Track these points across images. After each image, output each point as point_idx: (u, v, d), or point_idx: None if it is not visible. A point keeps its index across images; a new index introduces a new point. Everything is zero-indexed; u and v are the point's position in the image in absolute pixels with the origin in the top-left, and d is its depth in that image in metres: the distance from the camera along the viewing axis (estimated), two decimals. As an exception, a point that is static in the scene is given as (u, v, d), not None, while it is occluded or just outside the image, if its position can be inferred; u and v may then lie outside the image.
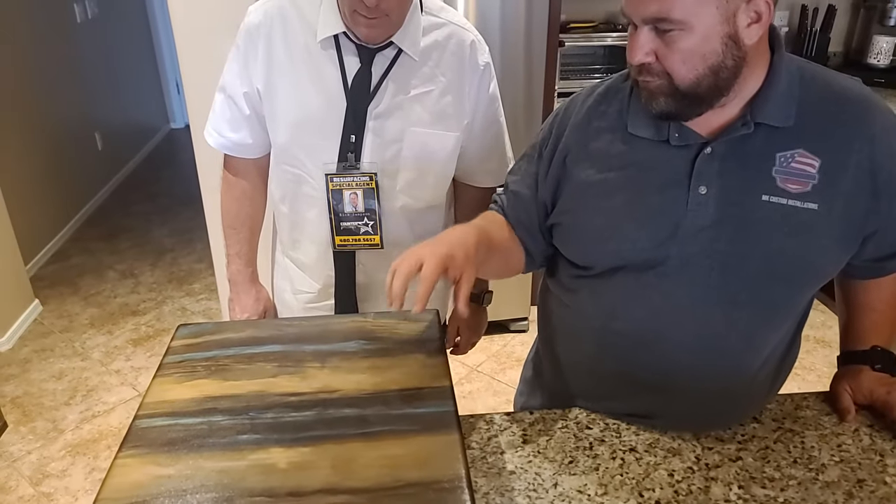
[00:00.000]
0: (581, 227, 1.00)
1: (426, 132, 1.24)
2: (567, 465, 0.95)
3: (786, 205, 0.88)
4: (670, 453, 0.97)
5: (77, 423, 2.49)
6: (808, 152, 0.88)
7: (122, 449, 0.79)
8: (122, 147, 4.89)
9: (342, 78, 1.19)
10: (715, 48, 0.82)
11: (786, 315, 0.97)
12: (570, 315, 1.07)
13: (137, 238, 3.89)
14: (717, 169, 0.90)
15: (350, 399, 0.86)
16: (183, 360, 0.94)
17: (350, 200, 1.25)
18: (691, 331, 0.95)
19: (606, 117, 0.98)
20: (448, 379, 0.89)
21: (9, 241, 2.97)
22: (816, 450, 0.97)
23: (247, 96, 1.25)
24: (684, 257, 0.92)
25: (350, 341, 0.97)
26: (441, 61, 1.23)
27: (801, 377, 2.62)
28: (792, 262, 0.90)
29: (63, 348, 2.91)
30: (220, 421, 0.83)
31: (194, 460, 0.77)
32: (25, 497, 2.17)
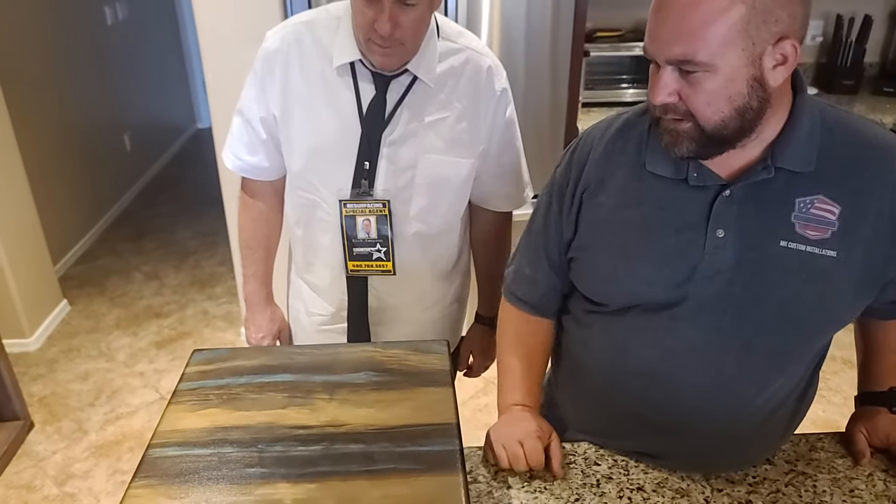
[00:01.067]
0: (596, 265, 1.00)
1: (440, 159, 1.24)
2: (573, 502, 0.95)
3: (804, 251, 0.87)
4: (678, 494, 0.96)
5: (101, 424, 2.54)
6: (828, 198, 0.87)
7: (136, 478, 0.81)
8: (150, 147, 4.96)
9: (357, 104, 1.20)
10: (740, 90, 0.81)
11: (800, 360, 0.96)
12: (582, 350, 1.07)
13: (162, 240, 3.95)
14: (736, 213, 0.89)
15: (357, 434, 0.86)
16: (196, 388, 0.96)
17: (363, 227, 1.25)
18: (703, 373, 0.94)
19: (624, 153, 0.97)
20: (454, 415, 0.90)
21: (38, 241, 3.04)
22: (828, 494, 0.96)
23: (263, 121, 1.26)
24: (699, 300, 0.91)
25: (359, 372, 0.98)
26: (457, 88, 1.23)
27: (826, 399, 2.57)
28: (808, 308, 0.89)
29: (89, 349, 2.97)
30: (230, 453, 0.84)
31: (203, 493, 0.78)
32: (50, 497, 2.22)
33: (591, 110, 2.80)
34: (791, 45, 0.79)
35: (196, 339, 3.02)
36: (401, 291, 1.35)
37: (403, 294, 1.35)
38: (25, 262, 2.90)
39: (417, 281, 1.35)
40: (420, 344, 1.04)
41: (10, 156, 2.82)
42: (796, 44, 0.79)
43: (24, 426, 2.46)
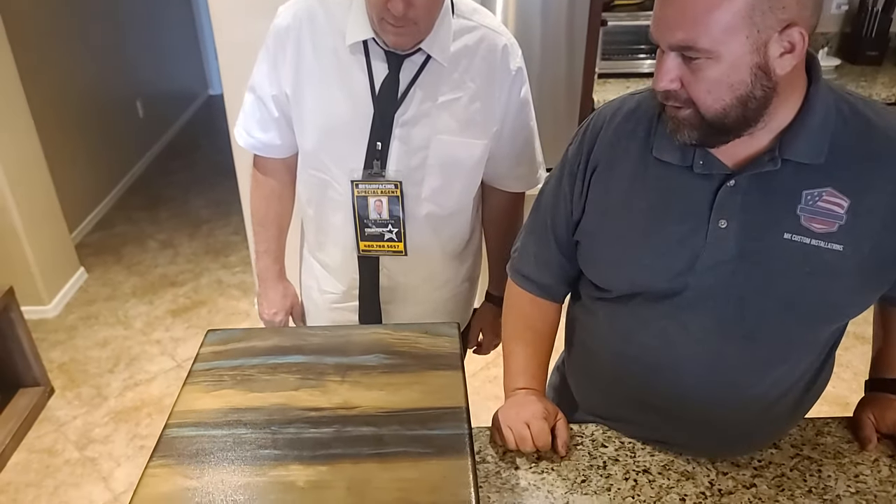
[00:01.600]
0: (600, 250, 1.00)
1: (453, 140, 1.23)
2: (580, 483, 0.97)
3: (808, 244, 0.86)
4: (684, 477, 0.98)
5: (120, 390, 2.60)
6: (837, 192, 0.85)
7: (153, 458, 0.84)
8: (163, 114, 4.97)
9: (370, 84, 1.19)
10: (743, 78, 0.79)
11: (806, 351, 0.96)
12: (589, 336, 1.08)
13: (176, 208, 3.98)
14: (740, 203, 0.88)
15: (368, 417, 0.88)
16: (211, 369, 0.98)
17: (375, 207, 1.25)
18: (705, 362, 0.95)
19: (634, 137, 0.96)
20: (464, 399, 0.91)
21: (54, 208, 3.07)
22: (833, 479, 0.97)
23: (275, 99, 1.25)
24: (701, 290, 0.91)
25: (370, 354, 0.99)
26: (471, 67, 1.21)
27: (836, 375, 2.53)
28: (811, 302, 0.88)
29: (107, 316, 3.03)
30: (244, 434, 0.86)
31: (219, 474, 0.81)
32: (71, 461, 2.29)
33: (607, 81, 2.76)
34: (799, 32, 0.76)
35: (211, 308, 3.06)
36: (412, 271, 1.35)
37: (415, 274, 1.36)
38: (42, 229, 2.93)
39: (429, 261, 1.35)
40: (431, 326, 1.05)
41: (24, 123, 2.84)
42: (804, 31, 0.76)
43: (44, 392, 2.52)
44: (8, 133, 2.70)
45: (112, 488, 2.18)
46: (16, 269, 2.84)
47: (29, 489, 2.17)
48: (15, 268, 2.84)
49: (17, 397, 2.47)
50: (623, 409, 1.06)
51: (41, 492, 2.17)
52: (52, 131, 3.23)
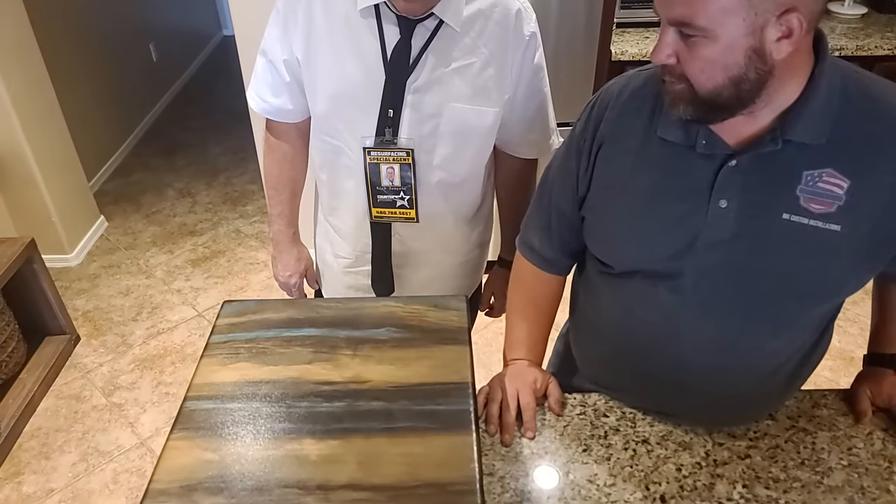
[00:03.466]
0: (603, 227, 1.02)
1: (465, 107, 1.22)
2: (581, 453, 1.01)
3: (807, 224, 0.87)
4: (681, 447, 1.02)
5: (144, 338, 2.69)
6: (838, 172, 0.85)
7: (174, 430, 0.88)
8: (177, 57, 4.93)
9: (381, 50, 1.18)
10: (737, 60, 0.79)
11: (803, 326, 0.98)
12: (593, 310, 1.11)
13: (194, 156, 4.00)
14: (741, 183, 0.88)
15: (378, 392, 0.92)
16: (227, 341, 1.02)
17: (387, 175, 1.26)
18: (704, 338, 0.97)
19: (639, 115, 0.96)
20: (470, 374, 0.94)
21: (71, 157, 3.09)
22: (826, 452, 1.01)
23: (286, 63, 1.25)
24: (700, 268, 0.93)
25: (381, 328, 1.03)
26: (484, 32, 1.19)
27: (842, 329, 2.60)
28: (808, 281, 0.90)
29: (129, 265, 3.10)
30: (260, 408, 0.91)
31: (236, 447, 0.85)
32: (99, 406, 2.39)
33: (626, 31, 2.70)
34: (797, 18, 0.75)
35: (230, 258, 3.12)
36: (424, 237, 1.37)
37: (426, 239, 1.38)
38: (60, 178, 2.97)
39: (440, 227, 1.37)
40: (440, 300, 1.08)
41: (37, 71, 2.84)
42: (803, 18, 0.75)
43: (70, 340, 2.62)
44: (22, 82, 2.71)
45: (139, 433, 2.28)
46: (37, 218, 2.90)
47: (58, 434, 2.29)
48: (36, 217, 2.90)
49: (44, 345, 2.57)
50: (623, 379, 1.09)
51: (70, 437, 2.28)
52: (65, 79, 3.23)
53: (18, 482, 2.12)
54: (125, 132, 4.05)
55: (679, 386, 1.02)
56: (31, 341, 2.54)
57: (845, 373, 2.42)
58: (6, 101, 2.62)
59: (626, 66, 2.55)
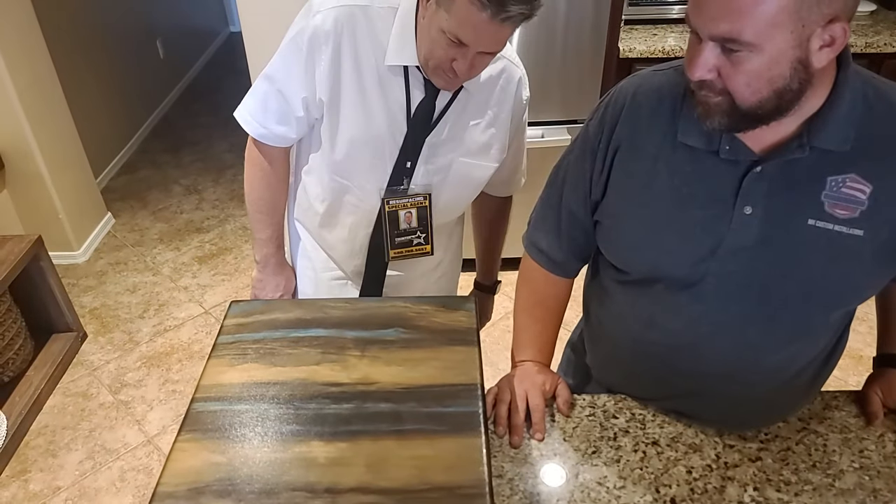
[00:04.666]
0: (621, 232, 1.01)
1: (471, 163, 1.31)
2: (590, 455, 1.00)
3: (831, 230, 0.86)
4: (691, 449, 1.01)
5: (150, 336, 2.69)
6: (861, 177, 0.85)
7: (182, 432, 0.88)
8: (184, 54, 4.93)
9: (406, 106, 1.22)
10: (783, 72, 0.77)
11: (824, 330, 0.98)
12: (608, 317, 1.10)
13: (200, 152, 4.00)
14: (766, 189, 0.88)
15: (386, 393, 0.92)
16: (235, 342, 1.01)
17: (405, 219, 1.33)
18: (726, 344, 0.97)
19: (658, 117, 0.94)
20: (479, 375, 0.94)
21: (78, 153, 3.10)
22: (837, 454, 1.00)
23: (305, 101, 1.23)
24: (723, 275, 0.92)
25: (389, 329, 1.02)
26: (491, 95, 1.27)
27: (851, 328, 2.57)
28: (831, 287, 0.90)
29: (135, 262, 3.10)
30: (268, 409, 0.90)
31: (244, 449, 0.85)
32: (106, 404, 2.40)
33: (634, 28, 2.68)
34: (841, 27, 0.74)
35: (236, 255, 3.12)
36: (414, 266, 1.46)
37: (416, 267, 1.47)
38: (67, 175, 2.98)
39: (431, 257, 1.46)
40: (448, 300, 1.07)
41: (44, 67, 2.84)
42: (846, 26, 0.75)
43: (77, 337, 2.62)
44: (29, 78, 2.71)
45: (146, 431, 2.29)
46: (44, 215, 2.91)
47: (65, 431, 2.29)
48: (43, 214, 2.90)
49: (51, 342, 2.58)
50: (643, 387, 1.09)
51: (77, 434, 2.28)
52: (72, 75, 3.24)
53: (25, 480, 2.12)
54: (132, 129, 4.05)
55: (700, 392, 1.02)
56: (38, 339, 2.54)
57: (854, 371, 2.41)
58: (13, 97, 2.62)
59: (635, 63, 2.53)
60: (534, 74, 1.41)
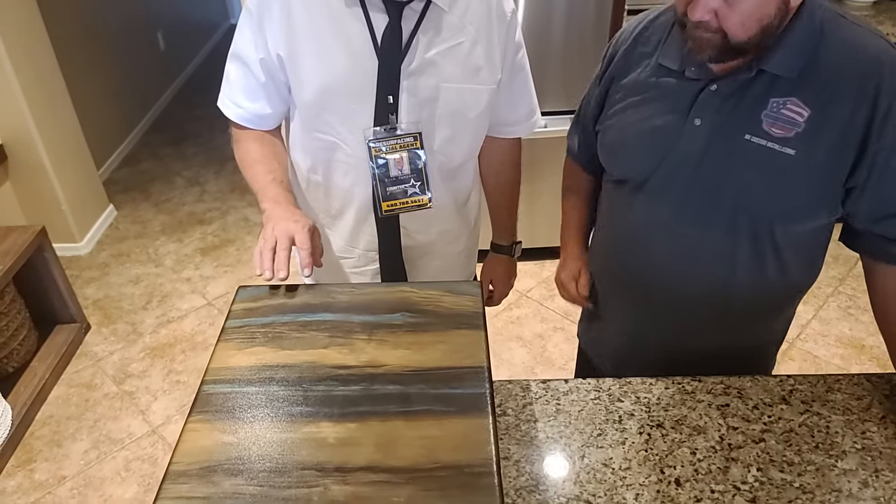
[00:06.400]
0: (606, 139, 1.17)
1: (460, 87, 1.21)
2: (596, 437, 1.02)
3: (764, 146, 0.97)
4: (695, 431, 1.02)
5: (154, 327, 2.70)
6: (801, 102, 0.95)
7: (192, 413, 0.89)
8: (185, 46, 4.93)
9: (371, 36, 1.15)
10: (770, 11, 0.90)
11: (761, 246, 1.06)
12: (600, 215, 1.31)
13: (202, 144, 4.00)
14: (717, 105, 1.00)
15: (394, 375, 0.93)
16: (243, 326, 1.02)
17: (395, 164, 1.23)
18: (669, 244, 1.12)
19: (648, 44, 1.09)
20: (486, 358, 0.95)
21: (80, 145, 3.10)
22: (840, 436, 1.01)
23: (263, 63, 1.19)
24: (670, 178, 1.06)
25: (396, 313, 1.03)
26: (468, 10, 1.18)
27: (854, 317, 2.59)
28: (757, 198, 1.01)
29: (138, 254, 3.11)
30: (277, 391, 0.91)
31: (254, 430, 0.86)
32: (110, 394, 2.41)
33: (626, 25, 2.68)
34: None
35: (238, 247, 3.13)
36: (430, 227, 1.36)
37: (431, 231, 1.37)
38: (70, 166, 2.99)
39: (443, 216, 1.36)
40: (454, 285, 1.08)
41: (47, 59, 2.85)
42: None
43: (80, 328, 2.64)
44: (32, 71, 2.72)
45: (150, 421, 2.30)
46: (47, 206, 2.91)
47: (70, 422, 2.31)
48: (46, 206, 2.91)
49: (55, 334, 2.59)
50: (608, 294, 1.31)
51: (82, 424, 2.30)
52: (75, 68, 3.24)
53: (30, 469, 2.14)
54: (134, 121, 4.06)
55: (648, 293, 1.18)
56: (41, 330, 2.56)
57: (856, 360, 2.42)
58: (16, 90, 2.63)
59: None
60: (536, 64, 1.40)
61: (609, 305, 1.33)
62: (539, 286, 2.85)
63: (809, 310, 2.65)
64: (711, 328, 1.19)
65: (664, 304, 1.18)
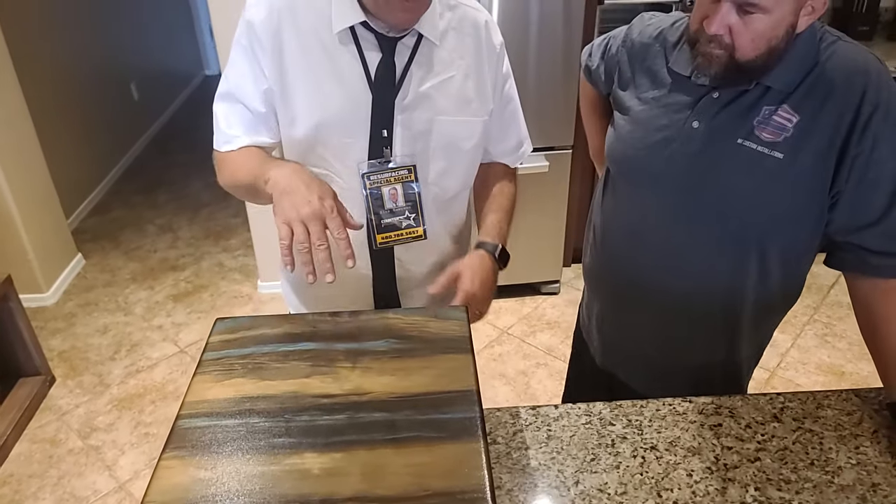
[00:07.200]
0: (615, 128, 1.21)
1: (454, 120, 1.22)
2: (589, 462, 0.98)
3: (754, 150, 1.01)
4: (690, 452, 1.00)
5: (122, 377, 2.61)
6: (791, 108, 1.00)
7: (167, 450, 0.84)
8: (158, 96, 4.93)
9: (365, 71, 1.16)
10: (779, 33, 0.94)
11: (744, 250, 1.09)
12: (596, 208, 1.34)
13: (175, 192, 3.96)
14: (715, 111, 1.05)
15: (380, 403, 0.89)
16: (221, 358, 0.98)
17: (390, 196, 1.22)
18: (659, 243, 1.15)
19: (665, 44, 1.14)
20: (475, 382, 0.92)
21: (49, 194, 3.05)
22: (834, 451, 0.99)
23: (266, 94, 1.18)
24: (664, 177, 1.10)
25: (380, 340, 1.00)
26: (459, 45, 1.20)
27: (831, 344, 2.61)
28: (746, 200, 1.04)
29: (107, 303, 3.03)
30: (257, 423, 0.87)
31: (234, 464, 0.81)
32: (75, 450, 2.30)
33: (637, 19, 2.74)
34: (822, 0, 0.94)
35: (213, 292, 3.07)
36: (423, 259, 1.34)
37: (425, 261, 1.35)
38: (38, 215, 2.93)
39: (438, 246, 1.34)
40: (440, 311, 1.06)
41: (17, 107, 2.82)
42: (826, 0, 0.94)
43: (45, 381, 2.54)
44: (2, 118, 2.68)
45: (117, 476, 2.20)
46: (13, 256, 2.84)
47: (32, 480, 2.19)
48: (12, 255, 2.84)
49: (18, 387, 2.49)
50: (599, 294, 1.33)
51: (45, 482, 2.18)
52: (45, 115, 3.21)
53: (-8, 530, 2.02)
54: (105, 170, 4.01)
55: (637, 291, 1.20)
56: (4, 383, 2.46)
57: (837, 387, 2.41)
58: (-18, 137, 2.58)
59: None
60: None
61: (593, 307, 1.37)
62: (520, 322, 2.83)
63: (787, 338, 2.66)
64: (690, 336, 1.21)
65: (647, 306, 1.21)
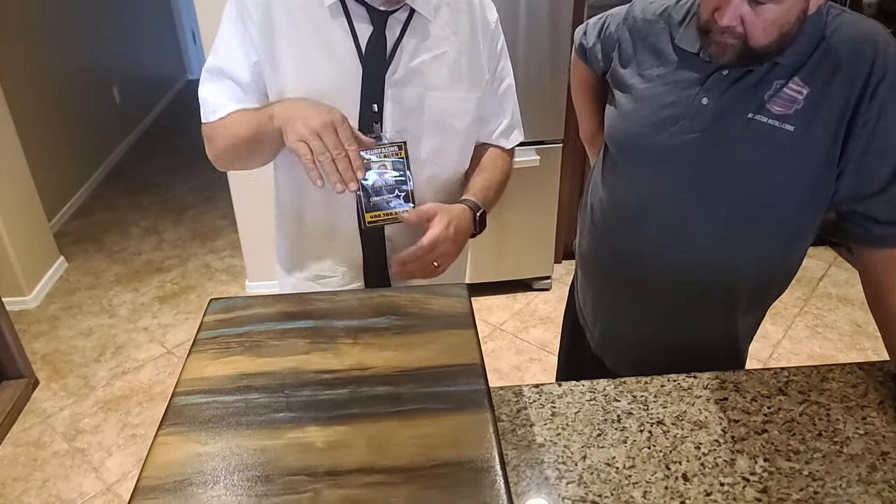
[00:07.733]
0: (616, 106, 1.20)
1: (445, 96, 1.20)
2: (595, 437, 0.97)
3: (765, 123, 1.01)
4: (697, 426, 0.98)
5: (108, 379, 2.56)
6: (801, 81, 0.99)
7: (163, 426, 0.81)
8: (141, 100, 4.88)
9: (355, 44, 1.14)
10: (790, 20, 0.94)
11: (749, 224, 1.09)
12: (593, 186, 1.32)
13: (160, 194, 3.91)
14: (724, 87, 1.04)
15: (383, 377, 0.87)
16: (217, 336, 0.96)
17: (379, 173, 1.20)
18: (662, 217, 1.14)
19: (670, 21, 1.13)
20: (479, 356, 0.90)
21: (31, 197, 3.00)
22: (841, 422, 0.98)
23: (255, 66, 1.16)
24: (669, 153, 1.09)
25: (381, 317, 0.98)
26: (452, 20, 1.19)
27: (822, 335, 2.62)
28: (755, 171, 1.04)
29: (90, 305, 2.97)
30: (257, 399, 0.84)
31: (234, 438, 0.79)
32: (60, 452, 2.25)
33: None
34: None
35: (199, 293, 3.02)
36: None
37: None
38: (19, 217, 2.88)
39: None
40: (439, 288, 1.04)
41: (-1, 110, 2.77)
42: None
43: (28, 384, 2.48)
44: (-20, 120, 2.63)
45: (104, 479, 2.15)
46: (-6, 259, 2.78)
47: (16, 483, 2.14)
48: (-7, 259, 2.78)
49: (1, 390, 2.43)
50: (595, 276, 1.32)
51: (29, 486, 2.13)
52: (27, 118, 3.16)
53: (-26, 536, 1.96)
54: (87, 172, 3.95)
55: (639, 267, 1.19)
56: (-13, 386, 2.40)
57: (827, 379, 2.43)
58: (-38, 137, 2.53)
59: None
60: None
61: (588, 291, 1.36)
62: (512, 318, 2.81)
63: (779, 330, 2.67)
64: (689, 312, 1.21)
65: (647, 284, 1.20)
